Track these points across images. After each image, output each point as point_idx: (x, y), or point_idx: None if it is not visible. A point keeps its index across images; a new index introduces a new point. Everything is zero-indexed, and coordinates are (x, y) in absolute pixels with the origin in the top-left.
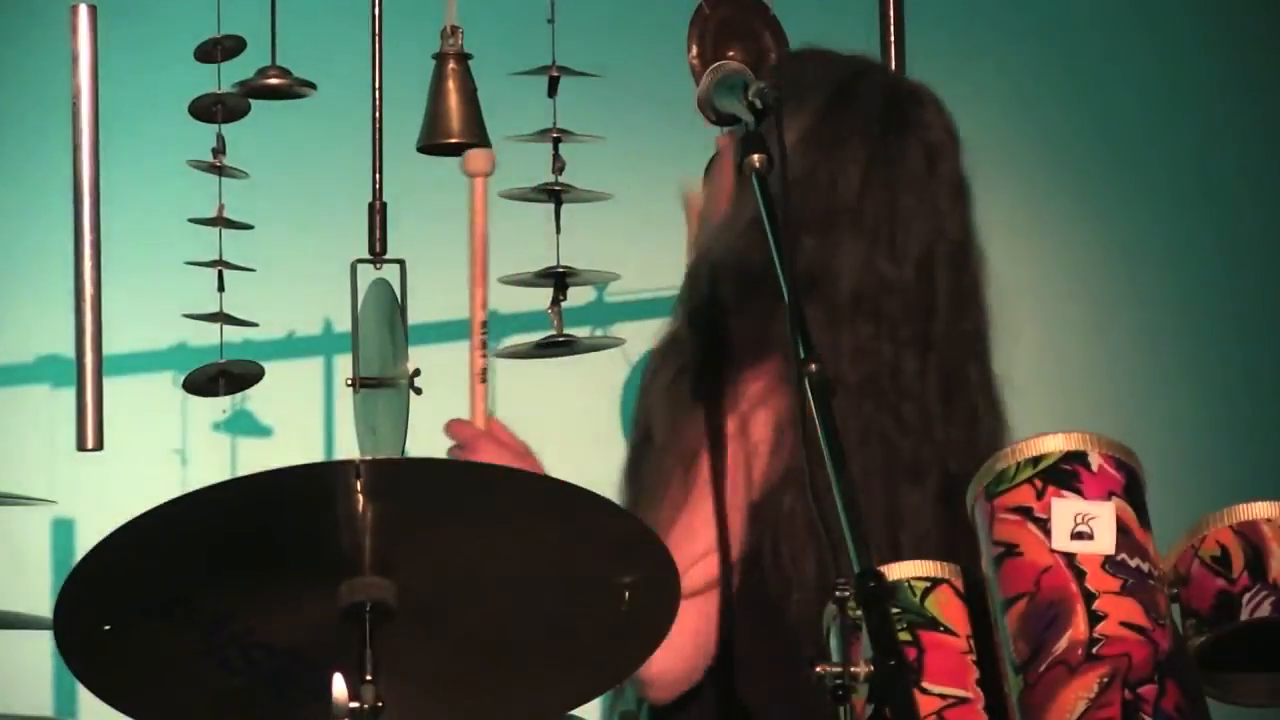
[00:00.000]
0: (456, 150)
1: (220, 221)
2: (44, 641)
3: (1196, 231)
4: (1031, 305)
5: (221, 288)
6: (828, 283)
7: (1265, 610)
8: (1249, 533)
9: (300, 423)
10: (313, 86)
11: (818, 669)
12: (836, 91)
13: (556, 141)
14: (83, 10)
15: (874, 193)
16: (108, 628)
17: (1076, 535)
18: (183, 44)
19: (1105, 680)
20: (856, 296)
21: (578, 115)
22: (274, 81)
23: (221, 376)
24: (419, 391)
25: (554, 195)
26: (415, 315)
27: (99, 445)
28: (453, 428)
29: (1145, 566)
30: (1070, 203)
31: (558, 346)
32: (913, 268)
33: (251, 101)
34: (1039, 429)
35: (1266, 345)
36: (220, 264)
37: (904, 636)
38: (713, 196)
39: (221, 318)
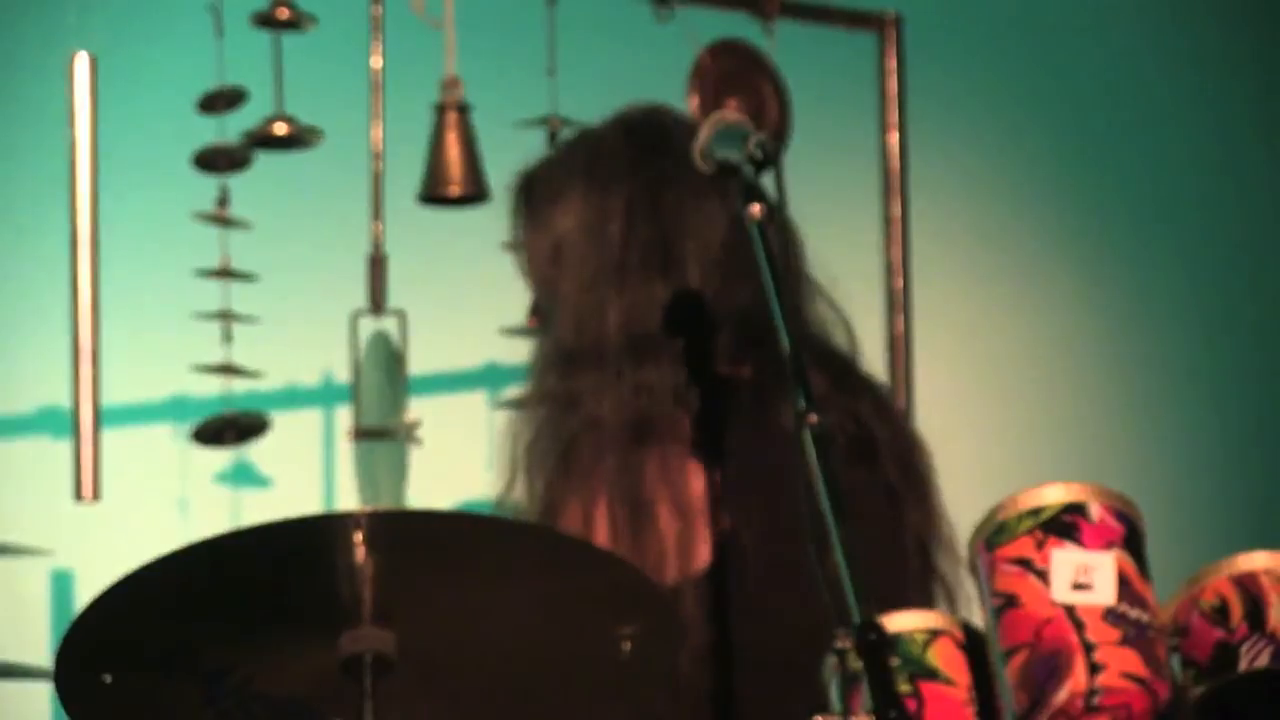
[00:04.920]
0: (457, 202)
1: (225, 274)
2: (44, 693)
3: (1197, 283)
4: (1031, 356)
5: (229, 339)
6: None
7: (1264, 660)
8: (1248, 583)
9: (300, 474)
10: (320, 134)
11: None
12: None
13: None
14: (81, 59)
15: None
16: (108, 679)
17: (1077, 586)
18: (184, 94)
19: None
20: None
21: None
22: (280, 131)
23: (230, 428)
24: (419, 442)
25: None
26: (415, 366)
27: (96, 496)
28: None
29: (1145, 617)
30: (1069, 254)
31: None
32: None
33: (254, 152)
34: (1039, 480)
35: (1265, 395)
36: (226, 316)
37: (904, 687)
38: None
39: (228, 369)
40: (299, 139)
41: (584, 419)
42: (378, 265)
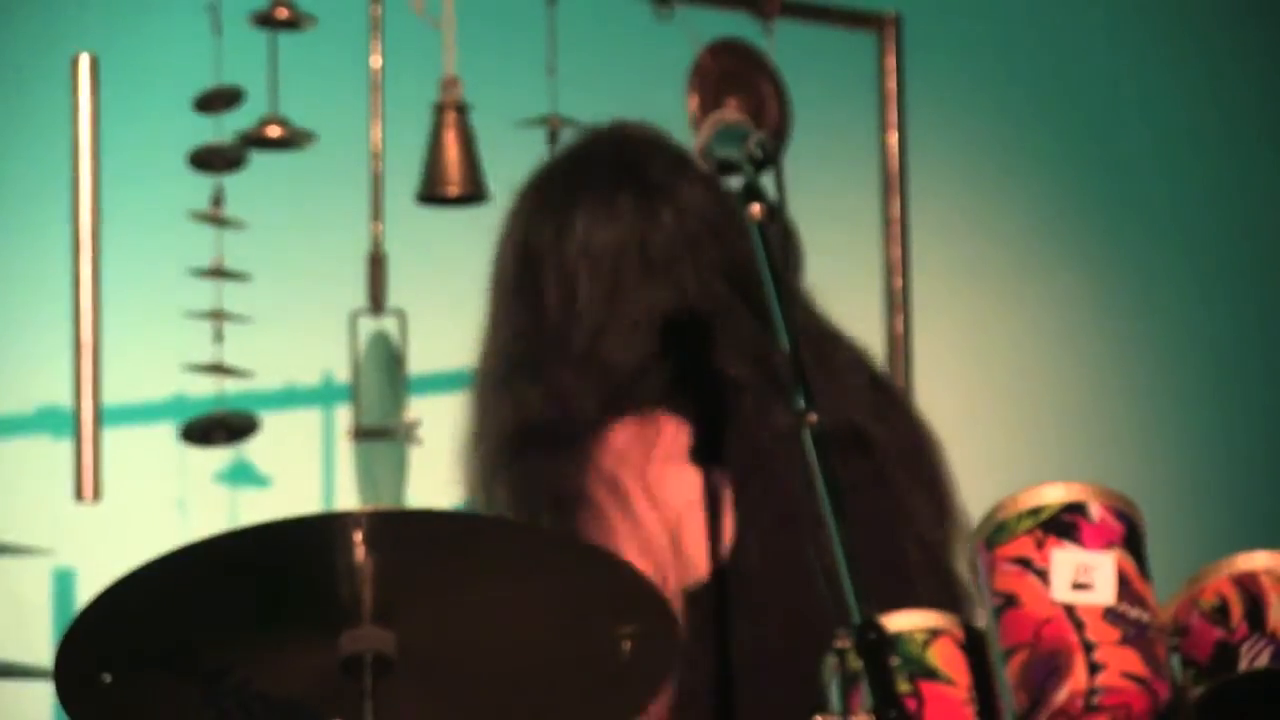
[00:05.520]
0: (456, 202)
1: (219, 273)
2: (44, 692)
3: (1200, 281)
4: (1030, 355)
5: (220, 339)
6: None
7: (1264, 660)
8: (1248, 583)
9: (300, 473)
10: (313, 137)
11: None
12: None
13: None
14: (84, 60)
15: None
16: (108, 678)
17: (1077, 586)
18: (181, 93)
19: None
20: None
21: None
22: (274, 133)
23: (219, 427)
24: (419, 442)
25: None
26: (415, 366)
27: (97, 496)
28: None
29: (1145, 617)
30: (1070, 253)
31: None
32: None
33: (249, 152)
34: (1040, 479)
35: (1267, 395)
36: (218, 315)
37: (904, 687)
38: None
39: (220, 369)
40: (292, 141)
41: (503, 431)
42: (378, 265)
